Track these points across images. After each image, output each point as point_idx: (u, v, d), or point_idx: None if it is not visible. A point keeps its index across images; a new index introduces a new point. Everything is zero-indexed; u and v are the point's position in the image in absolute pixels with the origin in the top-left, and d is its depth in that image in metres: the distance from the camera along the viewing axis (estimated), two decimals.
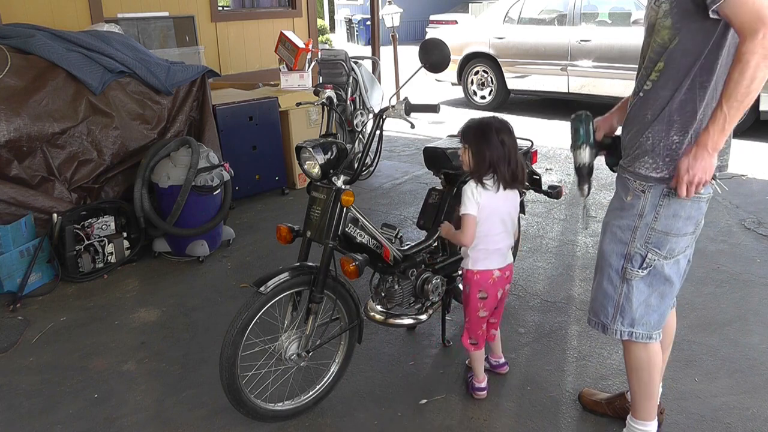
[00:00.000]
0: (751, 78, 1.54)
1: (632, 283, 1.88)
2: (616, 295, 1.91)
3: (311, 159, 2.19)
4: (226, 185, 3.85)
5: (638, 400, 2.01)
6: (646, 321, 1.91)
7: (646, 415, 2.01)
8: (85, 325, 3.07)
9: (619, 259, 1.89)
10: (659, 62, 1.75)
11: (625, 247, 1.87)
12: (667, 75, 1.74)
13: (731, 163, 1.97)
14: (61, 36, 3.81)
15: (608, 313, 1.94)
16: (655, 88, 1.77)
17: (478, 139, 2.18)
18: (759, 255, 3.63)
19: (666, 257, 1.84)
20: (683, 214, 1.79)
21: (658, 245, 1.83)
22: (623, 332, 1.93)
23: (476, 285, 2.30)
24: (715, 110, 1.63)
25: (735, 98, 1.57)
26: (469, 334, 2.38)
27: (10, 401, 2.49)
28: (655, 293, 1.89)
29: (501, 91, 8.19)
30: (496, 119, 2.23)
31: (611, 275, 1.91)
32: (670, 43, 1.72)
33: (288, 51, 5.24)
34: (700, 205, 1.82)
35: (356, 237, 2.34)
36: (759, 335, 2.81)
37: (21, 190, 3.47)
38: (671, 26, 1.71)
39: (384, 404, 2.42)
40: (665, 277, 1.87)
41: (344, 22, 20.40)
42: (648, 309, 1.90)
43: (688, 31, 1.68)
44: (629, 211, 1.85)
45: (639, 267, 1.86)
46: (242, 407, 2.18)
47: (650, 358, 1.95)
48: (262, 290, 2.09)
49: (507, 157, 2.17)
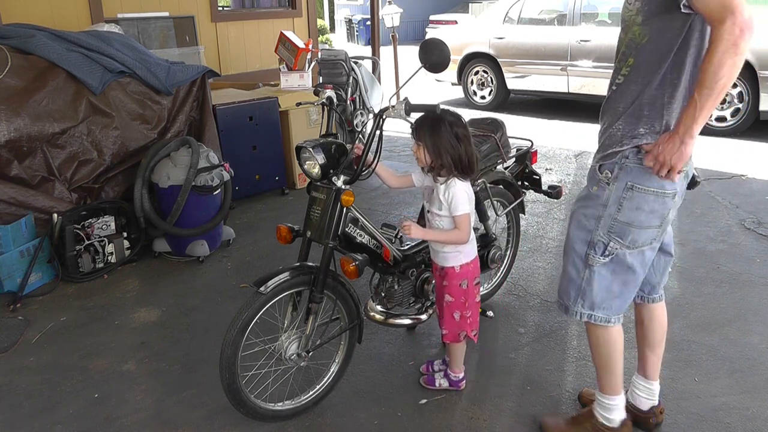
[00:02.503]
0: (718, 64, 1.56)
1: (594, 269, 1.94)
2: (579, 280, 1.98)
3: (311, 159, 2.19)
4: (226, 185, 3.85)
5: (600, 375, 2.10)
6: (607, 305, 1.97)
7: (609, 389, 2.08)
8: (85, 325, 3.08)
9: (583, 246, 1.95)
10: (630, 58, 1.82)
11: (589, 235, 1.93)
12: (638, 70, 1.80)
13: (731, 163, 1.98)
14: (61, 36, 3.81)
15: (570, 295, 2.01)
16: (626, 82, 1.83)
17: (432, 135, 2.16)
18: (759, 255, 3.63)
19: (629, 247, 1.88)
20: (646, 207, 1.83)
21: (621, 235, 1.87)
22: (583, 314, 2.00)
23: (473, 274, 2.32)
24: (690, 99, 1.67)
25: (705, 86, 1.61)
26: (471, 327, 2.36)
27: (10, 401, 2.49)
28: (617, 280, 1.94)
29: (501, 91, 8.20)
30: (448, 112, 2.19)
31: (575, 260, 1.98)
32: (641, 39, 1.77)
33: (288, 51, 5.24)
34: (665, 200, 1.84)
35: (356, 237, 2.34)
36: (759, 335, 2.81)
37: (21, 190, 3.47)
38: (641, 23, 1.76)
39: (384, 404, 2.42)
40: (628, 266, 1.92)
41: (344, 22, 20.39)
42: (609, 294, 1.96)
43: (657, 29, 1.73)
44: (595, 201, 1.91)
45: (601, 254, 1.92)
46: (242, 407, 2.18)
47: (608, 339, 2.03)
48: (262, 290, 2.09)
49: (462, 150, 2.16)
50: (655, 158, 1.75)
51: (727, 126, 6.34)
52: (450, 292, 2.34)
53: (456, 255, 2.30)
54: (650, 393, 2.21)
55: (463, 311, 2.34)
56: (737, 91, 6.18)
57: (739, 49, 1.55)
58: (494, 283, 3.19)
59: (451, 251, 2.30)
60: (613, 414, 2.09)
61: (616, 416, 2.09)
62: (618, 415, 2.09)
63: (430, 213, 2.31)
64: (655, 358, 2.19)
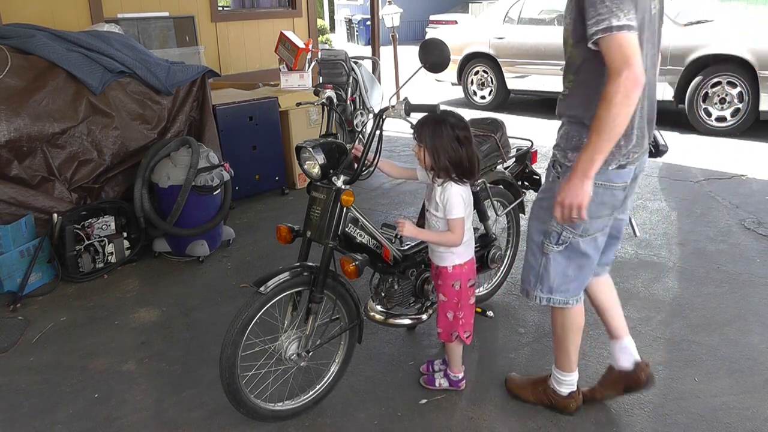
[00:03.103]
0: (615, 115, 1.69)
1: (550, 256, 2.10)
2: (537, 266, 2.14)
3: (311, 159, 2.19)
4: (226, 185, 3.85)
5: (556, 352, 2.31)
6: (564, 289, 2.13)
7: (563, 366, 2.29)
8: (85, 325, 3.08)
9: (539, 235, 2.11)
10: (569, 74, 1.95)
11: (544, 225, 2.08)
12: (579, 86, 1.93)
13: (731, 163, 2.03)
14: (61, 36, 3.81)
15: (531, 281, 2.18)
16: (572, 94, 1.97)
17: (434, 137, 2.14)
18: (759, 255, 3.63)
19: (581, 235, 2.03)
20: (596, 199, 1.91)
21: (573, 225, 1.98)
22: (542, 298, 2.17)
23: (466, 276, 2.31)
24: (588, 142, 1.78)
25: (602, 132, 1.73)
26: (464, 328, 2.35)
27: (10, 401, 2.49)
28: (572, 265, 2.10)
29: (501, 91, 8.19)
30: (451, 114, 2.18)
31: (533, 249, 2.15)
32: (576, 60, 1.90)
33: (288, 51, 5.24)
34: (614, 192, 1.98)
35: (356, 237, 2.34)
36: (759, 335, 2.81)
37: (21, 190, 3.47)
38: (573, 45, 1.88)
39: (384, 404, 2.43)
40: (581, 252, 2.06)
41: (344, 22, 20.39)
42: (566, 279, 2.12)
43: (588, 53, 1.81)
44: (548, 193, 2.06)
45: (555, 243, 2.06)
46: (242, 407, 2.19)
47: (566, 320, 2.21)
48: (262, 290, 2.09)
49: (463, 153, 2.15)
50: (561, 206, 1.86)
51: (727, 126, 6.34)
52: (443, 291, 2.34)
53: (449, 255, 2.30)
54: (626, 350, 2.32)
55: (455, 312, 2.34)
56: (737, 91, 6.18)
57: (631, 99, 1.68)
58: (494, 283, 3.19)
59: (444, 251, 2.30)
60: (563, 387, 2.32)
61: (565, 389, 2.32)
62: (568, 388, 2.32)
63: (428, 212, 2.31)
64: (618, 317, 2.34)
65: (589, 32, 1.71)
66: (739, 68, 6.11)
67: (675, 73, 6.51)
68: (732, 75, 6.17)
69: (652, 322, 2.95)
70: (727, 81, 6.21)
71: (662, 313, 3.03)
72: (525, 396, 2.41)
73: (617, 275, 3.43)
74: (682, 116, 6.70)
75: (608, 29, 1.66)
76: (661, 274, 3.44)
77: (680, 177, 5.11)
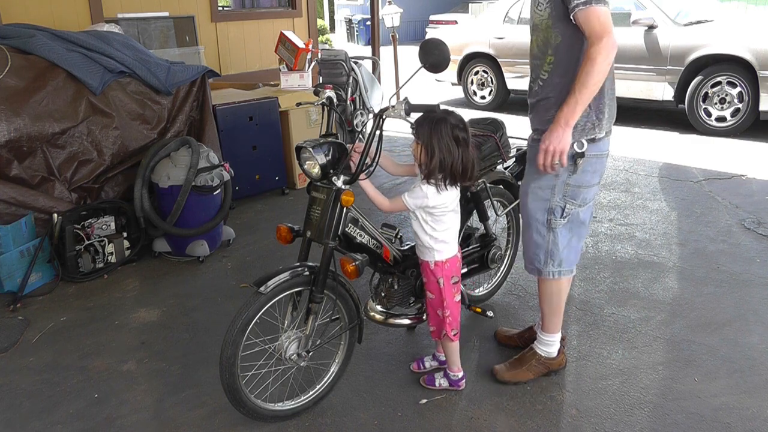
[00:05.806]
0: (597, 71, 1.99)
1: (556, 231, 2.30)
2: (545, 243, 2.32)
3: (311, 159, 2.19)
4: (226, 185, 3.85)
5: (548, 319, 2.47)
6: (571, 259, 2.36)
7: (555, 329, 2.49)
8: (85, 325, 3.08)
9: (544, 214, 2.29)
10: (549, 56, 2.16)
11: (547, 203, 2.27)
12: (558, 66, 2.14)
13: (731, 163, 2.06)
14: (61, 36, 3.81)
15: (540, 259, 2.35)
16: (551, 76, 2.17)
17: (432, 134, 2.13)
18: (759, 255, 3.64)
19: (580, 205, 2.27)
20: (590, 169, 2.22)
21: (574, 196, 2.24)
22: (554, 272, 2.35)
23: (448, 273, 2.31)
24: (569, 95, 2.04)
25: (586, 87, 2.01)
26: (451, 326, 2.35)
27: (10, 401, 2.49)
28: (574, 236, 2.34)
29: (501, 91, 8.19)
30: (452, 114, 2.18)
31: (539, 228, 2.31)
32: (555, 40, 2.12)
33: (288, 51, 5.24)
34: (602, 160, 2.25)
35: (356, 237, 2.34)
36: (759, 335, 2.82)
37: (21, 190, 3.47)
38: (552, 26, 2.11)
39: (384, 404, 2.43)
40: (581, 221, 2.32)
41: (344, 22, 20.38)
42: (570, 249, 2.34)
43: (566, 31, 2.08)
44: (546, 173, 2.21)
45: (560, 216, 2.27)
46: (242, 407, 2.19)
47: (561, 288, 2.42)
48: (262, 290, 2.09)
49: (459, 155, 2.14)
50: (545, 151, 2.10)
51: (727, 126, 6.34)
52: (429, 288, 2.36)
53: (429, 251, 2.29)
54: None
55: (442, 309, 2.34)
56: (737, 91, 6.18)
57: (609, 59, 2.00)
58: (494, 283, 3.19)
59: (425, 245, 2.29)
60: (552, 348, 2.51)
61: (554, 349, 2.51)
62: (555, 347, 2.52)
63: None
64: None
65: (571, 6, 1.99)
66: (739, 68, 6.11)
67: (675, 73, 6.51)
68: (732, 75, 6.17)
69: (652, 322, 2.95)
70: (727, 81, 6.22)
71: (662, 313, 3.04)
72: (523, 377, 2.50)
73: (617, 275, 3.43)
74: (682, 116, 6.70)
75: (588, 2, 1.96)
76: (661, 274, 3.44)
77: (680, 177, 5.12)
